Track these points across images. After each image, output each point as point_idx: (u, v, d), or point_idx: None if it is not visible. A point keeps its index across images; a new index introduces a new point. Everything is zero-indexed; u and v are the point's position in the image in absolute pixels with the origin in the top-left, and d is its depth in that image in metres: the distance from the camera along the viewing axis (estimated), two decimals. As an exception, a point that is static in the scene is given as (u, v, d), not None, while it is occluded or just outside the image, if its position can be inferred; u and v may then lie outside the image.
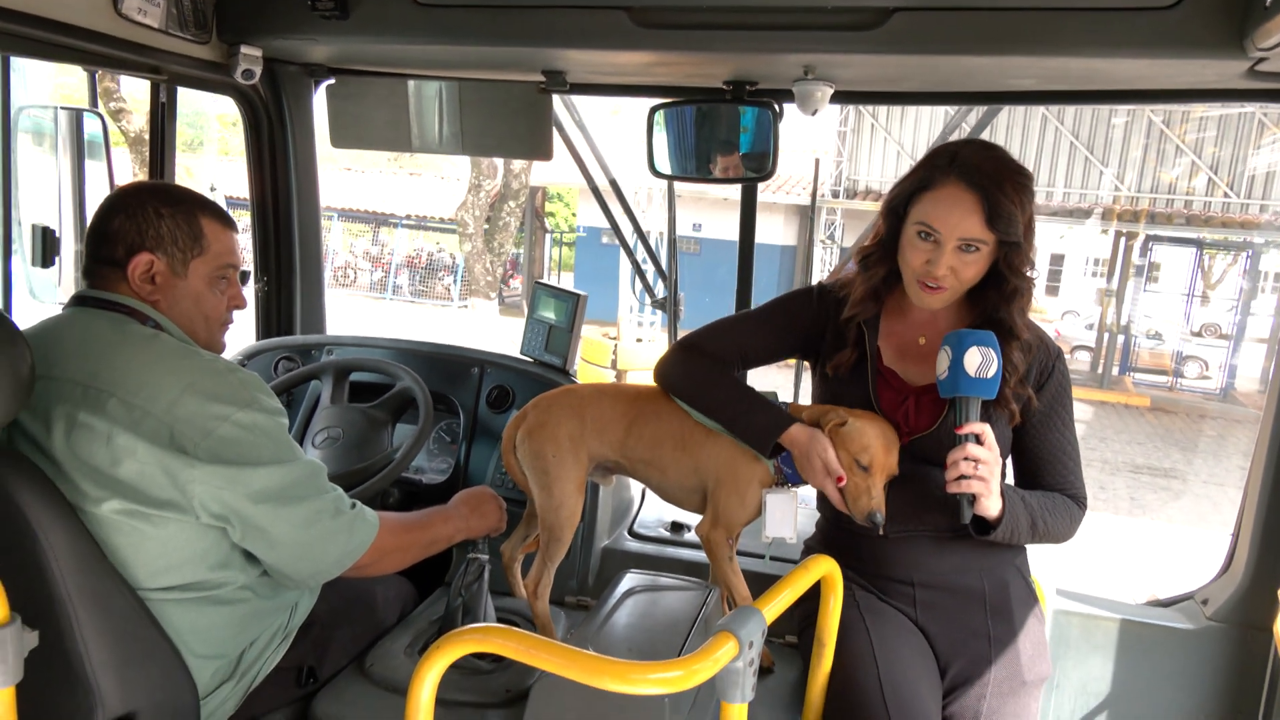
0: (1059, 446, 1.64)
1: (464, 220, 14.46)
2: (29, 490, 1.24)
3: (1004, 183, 1.48)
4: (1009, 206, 1.47)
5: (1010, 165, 1.51)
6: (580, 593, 2.10)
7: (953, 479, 1.48)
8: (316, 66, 2.43)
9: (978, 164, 1.49)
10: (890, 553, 1.64)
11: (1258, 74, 1.64)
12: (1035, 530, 1.58)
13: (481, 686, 1.63)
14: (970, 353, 1.46)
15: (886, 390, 1.64)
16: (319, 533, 1.47)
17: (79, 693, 1.27)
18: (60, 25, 1.71)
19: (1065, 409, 1.64)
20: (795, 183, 15.57)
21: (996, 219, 1.47)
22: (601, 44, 1.89)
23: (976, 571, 1.65)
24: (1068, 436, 1.65)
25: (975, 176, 1.48)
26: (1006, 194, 1.47)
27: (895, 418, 1.62)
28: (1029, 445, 1.65)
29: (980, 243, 1.50)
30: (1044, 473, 1.65)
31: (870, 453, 1.52)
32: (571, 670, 1.08)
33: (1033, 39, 1.65)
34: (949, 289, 1.54)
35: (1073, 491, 1.66)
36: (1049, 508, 1.61)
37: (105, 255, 1.46)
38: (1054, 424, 1.63)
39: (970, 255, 1.51)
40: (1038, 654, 1.65)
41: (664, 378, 1.75)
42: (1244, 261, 15.62)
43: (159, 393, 1.35)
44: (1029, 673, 1.62)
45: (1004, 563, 1.67)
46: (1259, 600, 1.97)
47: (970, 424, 1.48)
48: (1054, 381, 1.63)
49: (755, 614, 1.16)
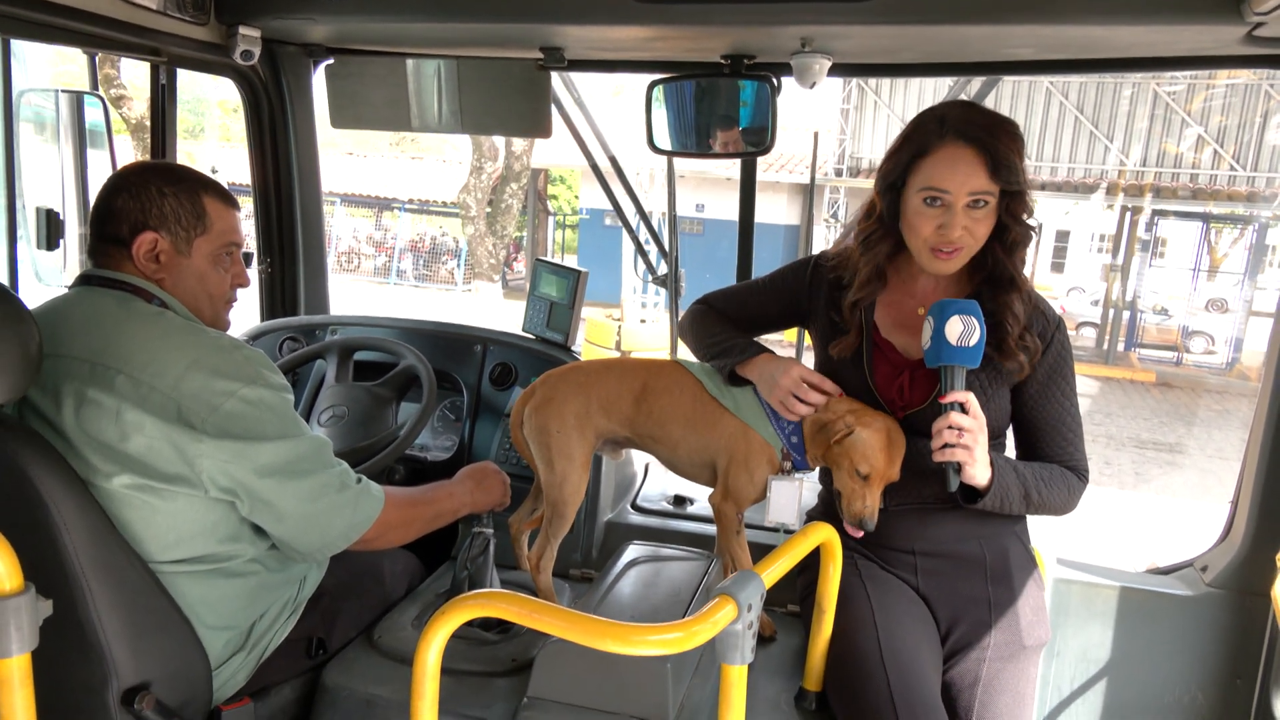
0: (1058, 417, 1.64)
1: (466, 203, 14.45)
2: (40, 465, 1.27)
3: (998, 133, 1.50)
4: (1008, 154, 1.50)
5: (998, 117, 1.53)
6: (584, 565, 2.12)
7: (937, 448, 1.49)
8: (315, 46, 2.43)
9: (969, 120, 1.52)
10: (890, 524, 1.65)
11: (1256, 39, 1.64)
12: (1029, 500, 1.59)
13: (487, 656, 1.66)
14: (952, 321, 1.47)
15: (883, 364, 1.64)
16: (325, 506, 1.49)
17: (93, 662, 1.30)
18: (60, 7, 1.72)
19: (1065, 379, 1.64)
20: (798, 161, 15.49)
21: (1000, 169, 1.49)
22: (599, 19, 1.89)
23: (976, 540, 1.66)
24: (1067, 407, 1.64)
25: (971, 131, 1.50)
26: (1004, 143, 1.50)
27: (890, 393, 1.63)
28: (1028, 415, 1.65)
29: (988, 195, 1.51)
30: (1043, 443, 1.66)
31: (871, 464, 1.54)
32: (573, 633, 1.10)
33: (1030, 7, 1.64)
34: (964, 250, 1.55)
35: (1072, 463, 1.65)
36: (1045, 478, 1.61)
37: (110, 234, 1.48)
38: (1053, 394, 1.63)
39: (980, 211, 1.52)
40: (1037, 619, 1.67)
41: (681, 331, 1.85)
42: (1250, 235, 15.53)
43: (166, 369, 1.37)
44: (1028, 637, 1.64)
45: (1004, 531, 1.69)
46: (1257, 566, 1.99)
47: (954, 393, 1.49)
48: (1053, 351, 1.62)
49: (754, 578, 1.18)
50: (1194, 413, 12.61)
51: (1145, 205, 15.12)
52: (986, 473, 1.51)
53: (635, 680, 1.42)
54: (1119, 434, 11.06)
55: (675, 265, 2.72)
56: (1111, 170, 15.57)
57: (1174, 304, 15.59)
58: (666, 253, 2.76)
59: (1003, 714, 1.62)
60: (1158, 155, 15.32)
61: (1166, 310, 15.64)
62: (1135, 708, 2.15)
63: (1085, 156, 15.76)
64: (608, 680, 1.43)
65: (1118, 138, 15.50)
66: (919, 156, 1.54)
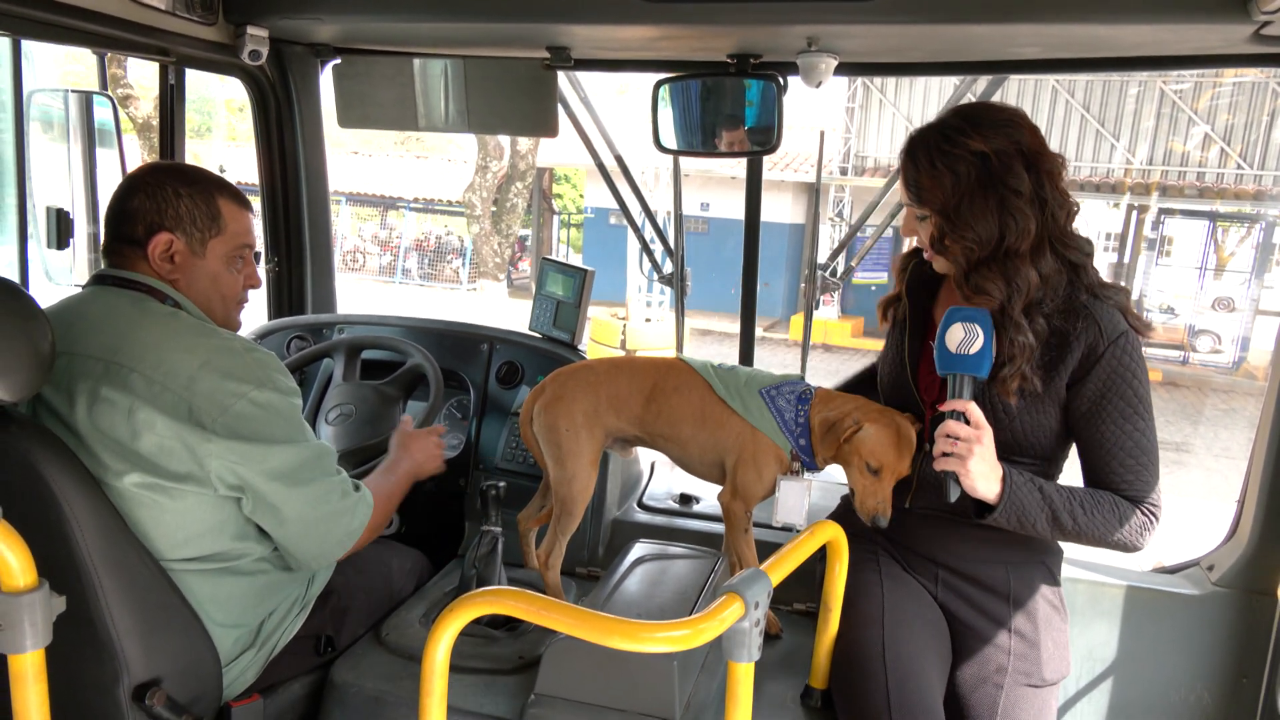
0: (1114, 440, 1.48)
1: (471, 202, 14.46)
2: (53, 462, 1.28)
3: (918, 153, 1.51)
4: (916, 175, 1.51)
5: (934, 129, 1.51)
6: (590, 564, 2.13)
7: (936, 456, 1.46)
8: (323, 46, 2.44)
9: (917, 133, 1.54)
10: (916, 527, 1.64)
11: (1263, 38, 1.64)
12: (1059, 525, 1.48)
13: (494, 654, 1.66)
14: (953, 329, 1.45)
15: (927, 365, 1.62)
16: (326, 513, 1.51)
17: (104, 658, 1.31)
18: (70, 8, 1.73)
19: (1122, 399, 1.47)
20: (803, 160, 15.46)
21: (916, 190, 1.52)
22: (605, 19, 1.89)
23: (1003, 565, 1.61)
24: (1128, 431, 1.48)
25: (906, 145, 1.54)
26: (920, 165, 1.50)
27: (933, 392, 1.62)
28: (1081, 438, 1.53)
29: (924, 214, 1.53)
30: (1099, 468, 1.52)
31: (879, 458, 1.54)
32: (581, 630, 1.11)
33: (1036, 6, 1.64)
34: (938, 255, 1.56)
35: (1132, 493, 1.49)
36: (1085, 503, 1.48)
37: (125, 234, 1.49)
38: (1108, 414, 1.48)
39: (922, 223, 1.55)
40: (1058, 653, 1.62)
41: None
42: (1257, 234, 15.48)
43: (178, 369, 1.38)
44: (1049, 671, 1.60)
45: (1031, 559, 1.63)
46: (1264, 565, 1.99)
47: (953, 401, 1.45)
48: (1104, 366, 1.47)
49: (762, 576, 1.18)
50: (1201, 412, 12.57)
51: (1151, 204, 15.07)
52: (994, 487, 1.45)
53: (642, 677, 1.43)
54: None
55: (681, 264, 2.72)
56: (1118, 169, 15.53)
57: (1180, 303, 15.54)
58: (672, 251, 2.77)
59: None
60: (1164, 154, 15.28)
61: (1173, 309, 15.59)
62: (1141, 706, 2.15)
63: (1092, 155, 15.71)
64: (615, 677, 1.44)
65: (1124, 136, 15.46)
66: None
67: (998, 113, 1.51)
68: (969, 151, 1.46)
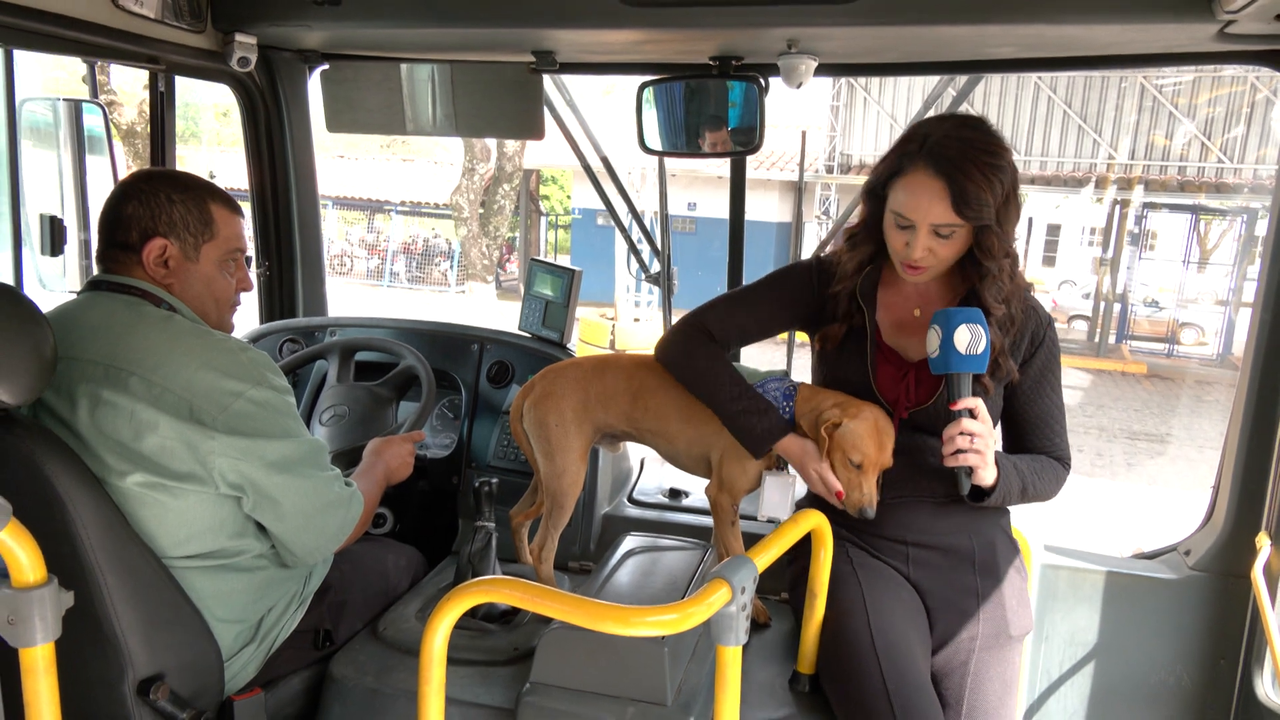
0: (1047, 411, 1.70)
1: (459, 205, 14.45)
2: (56, 463, 1.31)
3: (969, 167, 1.48)
4: (975, 190, 1.48)
5: (978, 145, 1.51)
6: (582, 558, 2.16)
7: (950, 453, 1.54)
8: (310, 53, 2.47)
9: (945, 147, 1.50)
10: (887, 515, 1.68)
11: (1228, 36, 1.69)
12: (1025, 493, 1.65)
13: (489, 646, 1.70)
14: (960, 331, 1.51)
15: (886, 367, 1.68)
16: (322, 505, 1.55)
17: (109, 653, 1.34)
18: (60, 18, 1.75)
19: (1054, 374, 1.71)
20: (788, 159, 15.53)
21: (962, 205, 1.49)
22: (589, 23, 1.93)
23: (966, 533, 1.70)
24: (1055, 401, 1.71)
25: (941, 163, 1.49)
26: (973, 178, 1.48)
27: (895, 394, 1.66)
28: (1019, 410, 1.71)
29: (952, 227, 1.53)
30: (1031, 436, 1.72)
31: (862, 452, 1.58)
32: (575, 616, 1.14)
33: (1009, 7, 1.69)
34: (929, 268, 1.59)
35: (1058, 454, 1.72)
36: (1037, 470, 1.67)
37: (119, 240, 1.52)
38: (1043, 390, 1.69)
39: (944, 239, 1.55)
40: (1021, 609, 1.71)
41: (665, 357, 1.75)
42: (1239, 227, 15.64)
43: (177, 370, 1.42)
44: (1014, 627, 1.69)
45: (990, 523, 1.73)
46: (1238, 549, 2.04)
47: (964, 399, 1.54)
48: (1044, 349, 1.68)
49: (747, 562, 1.22)
50: (1185, 403, 12.70)
51: (1134, 198, 15.21)
52: (994, 473, 1.57)
53: (634, 664, 1.46)
54: (1110, 426, 11.14)
55: (668, 264, 2.76)
56: (1101, 164, 15.66)
57: (1164, 296, 15.69)
58: (659, 251, 2.80)
59: (991, 701, 1.66)
60: (1146, 148, 15.42)
61: (1157, 302, 15.74)
62: (1122, 690, 2.20)
63: (1074, 150, 15.85)
64: (608, 664, 1.48)
65: (1106, 131, 15.59)
66: (895, 175, 1.57)
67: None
68: (1007, 161, 1.53)
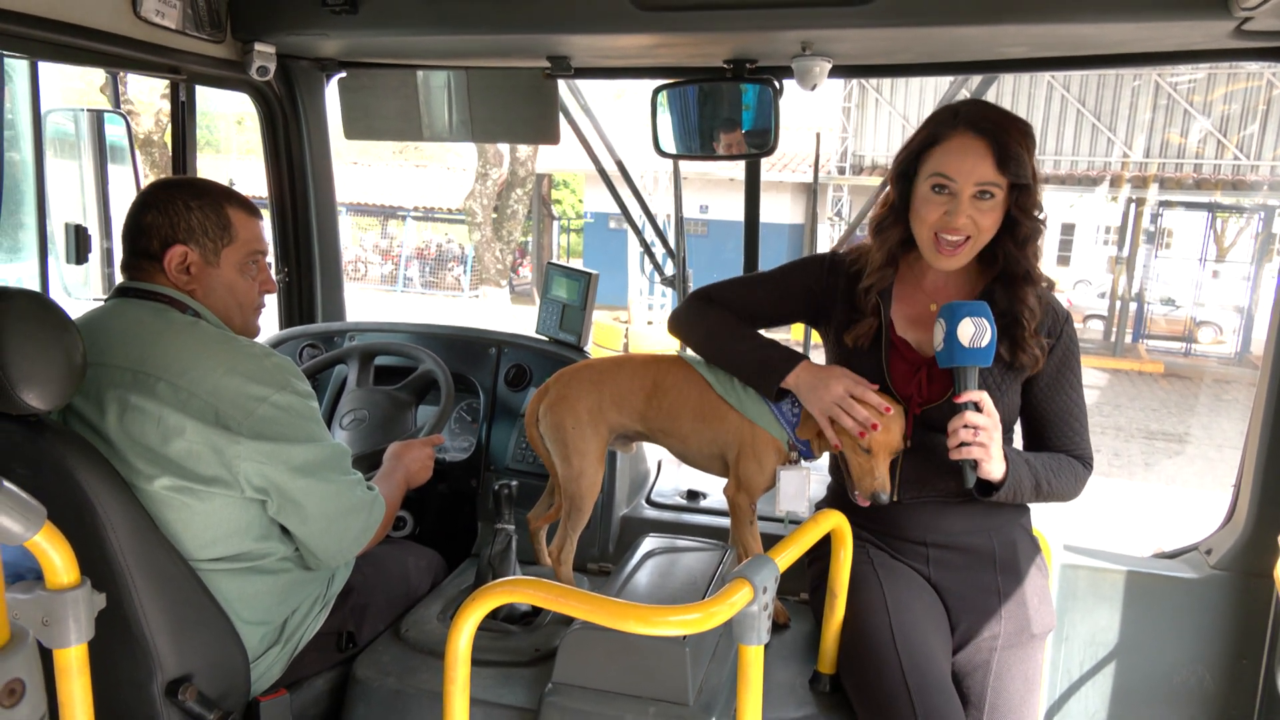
0: (1066, 409, 1.69)
1: (472, 210, 14.51)
2: (86, 467, 1.33)
3: (1009, 128, 1.55)
4: (1017, 149, 1.54)
5: (1011, 115, 1.58)
6: (601, 559, 2.17)
7: (954, 446, 1.53)
8: (328, 61, 2.50)
9: (982, 114, 1.57)
10: (903, 516, 1.69)
11: (1244, 33, 1.68)
12: (1039, 490, 1.63)
13: (511, 647, 1.71)
14: (963, 324, 1.51)
15: (899, 362, 1.68)
16: (346, 507, 1.57)
17: (138, 654, 1.36)
18: (83, 29, 1.78)
19: (1073, 372, 1.69)
20: (801, 160, 15.52)
21: (1007, 161, 1.53)
22: (604, 28, 1.95)
23: (986, 532, 1.70)
24: (1074, 399, 1.69)
25: (983, 123, 1.55)
26: (1014, 138, 1.54)
27: (909, 389, 1.66)
28: (1038, 408, 1.69)
29: (994, 187, 1.55)
30: (1051, 434, 1.70)
31: (869, 437, 1.58)
32: (597, 615, 1.15)
33: (1023, 7, 1.70)
34: (968, 245, 1.58)
35: (1079, 452, 1.70)
36: (1053, 468, 1.65)
37: (142, 249, 1.54)
38: (1062, 386, 1.68)
39: (986, 203, 1.56)
40: (1043, 606, 1.71)
41: (677, 325, 1.83)
42: (1256, 224, 15.49)
43: (203, 375, 1.44)
44: (1036, 625, 1.68)
45: (1010, 522, 1.73)
46: (1260, 548, 2.02)
47: (969, 392, 1.53)
48: (1062, 345, 1.67)
49: (769, 562, 1.23)
50: (1203, 402, 12.59)
51: (1150, 197, 15.10)
52: (1002, 467, 1.56)
53: (655, 663, 1.47)
54: (1128, 425, 11.06)
55: (683, 266, 2.77)
56: (1115, 162, 15.56)
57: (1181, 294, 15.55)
58: (674, 253, 2.81)
59: (1014, 700, 1.65)
60: (1161, 146, 15.31)
61: (1174, 301, 15.60)
62: (1143, 690, 2.19)
63: (1089, 149, 15.76)
64: (629, 665, 1.48)
65: (1121, 129, 15.49)
66: (930, 145, 1.59)
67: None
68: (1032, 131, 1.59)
